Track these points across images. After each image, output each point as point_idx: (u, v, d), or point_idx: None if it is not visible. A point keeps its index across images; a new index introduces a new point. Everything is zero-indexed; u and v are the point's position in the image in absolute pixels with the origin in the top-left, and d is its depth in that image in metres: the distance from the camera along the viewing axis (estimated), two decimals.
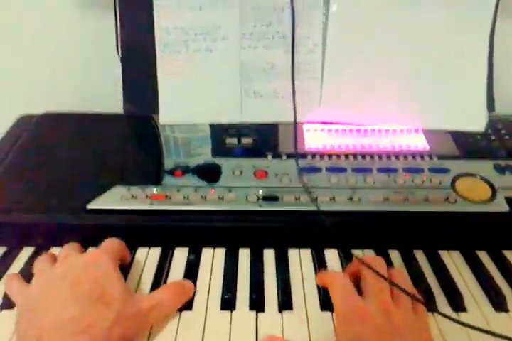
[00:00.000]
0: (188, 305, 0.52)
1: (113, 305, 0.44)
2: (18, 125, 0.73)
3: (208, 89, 0.71)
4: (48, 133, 0.71)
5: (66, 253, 0.52)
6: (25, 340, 0.43)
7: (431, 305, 0.51)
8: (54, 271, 0.49)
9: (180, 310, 0.51)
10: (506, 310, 0.52)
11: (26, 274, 0.54)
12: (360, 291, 0.49)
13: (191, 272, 0.56)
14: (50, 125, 0.73)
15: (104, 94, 0.71)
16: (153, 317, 0.48)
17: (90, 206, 0.58)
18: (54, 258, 0.54)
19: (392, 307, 0.46)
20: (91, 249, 0.57)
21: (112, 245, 0.54)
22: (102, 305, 0.44)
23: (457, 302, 0.53)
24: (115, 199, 0.59)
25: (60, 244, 0.58)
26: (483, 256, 0.59)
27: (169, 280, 0.55)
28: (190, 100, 0.72)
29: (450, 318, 0.46)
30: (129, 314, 0.45)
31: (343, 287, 0.49)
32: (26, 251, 0.59)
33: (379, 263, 0.51)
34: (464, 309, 0.52)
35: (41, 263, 0.52)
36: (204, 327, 0.49)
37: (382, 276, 0.49)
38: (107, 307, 0.44)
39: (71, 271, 0.48)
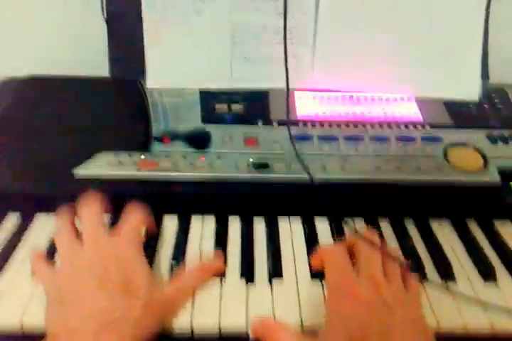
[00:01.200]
0: None
1: (139, 294, 0.45)
2: (1, 88, 0.70)
3: (196, 52, 0.69)
4: (32, 97, 0.69)
5: (92, 232, 0.50)
6: (55, 334, 0.42)
7: (420, 275, 0.51)
8: (81, 257, 0.48)
9: None
10: (495, 280, 0.52)
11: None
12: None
13: (181, 240, 0.55)
14: (35, 89, 0.70)
15: (90, 57, 0.68)
16: (179, 302, 0.48)
17: (76, 172, 0.57)
18: (75, 228, 0.52)
19: (383, 283, 0.46)
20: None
21: (135, 221, 0.52)
22: (129, 295, 0.44)
23: (446, 272, 0.53)
24: (102, 165, 0.58)
25: (47, 211, 0.58)
26: (473, 226, 0.60)
27: (159, 248, 0.54)
28: (179, 64, 0.69)
29: (440, 286, 0.47)
30: (156, 303, 0.45)
31: (337, 262, 0.49)
32: (11, 217, 0.58)
33: (372, 237, 0.51)
34: (453, 278, 0.52)
35: (65, 240, 0.51)
36: (194, 295, 0.49)
37: (376, 247, 0.48)
38: (133, 297, 0.44)
39: (98, 261, 0.47)
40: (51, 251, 0.53)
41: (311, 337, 0.44)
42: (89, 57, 0.69)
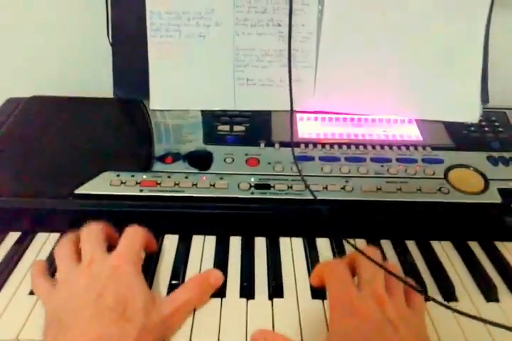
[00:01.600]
0: None
1: (136, 319, 0.44)
2: (5, 108, 0.71)
3: (200, 75, 0.70)
4: (36, 117, 0.69)
5: (90, 254, 0.50)
6: None
7: (422, 293, 0.51)
8: (78, 278, 0.48)
9: None
10: (497, 301, 0.52)
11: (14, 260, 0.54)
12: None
13: (181, 260, 0.55)
14: (39, 108, 0.71)
15: (94, 79, 0.69)
16: (178, 320, 0.48)
17: (78, 191, 0.57)
18: (77, 248, 0.52)
19: (386, 299, 0.45)
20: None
21: (133, 241, 0.52)
22: (125, 320, 0.44)
23: (449, 292, 0.52)
24: (104, 185, 0.58)
25: (48, 230, 0.58)
26: (474, 246, 0.59)
27: (158, 268, 0.54)
28: (182, 86, 0.70)
29: (442, 304, 0.46)
30: (153, 324, 0.45)
31: (339, 278, 0.48)
32: (12, 237, 0.58)
33: (374, 253, 0.51)
34: (455, 299, 0.52)
35: (64, 259, 0.50)
36: (194, 314, 0.49)
37: (378, 263, 0.48)
38: (130, 322, 0.44)
39: (94, 283, 0.46)
40: (51, 268, 0.53)
41: None
42: (93, 78, 0.70)
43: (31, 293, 0.51)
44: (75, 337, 0.42)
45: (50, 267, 0.53)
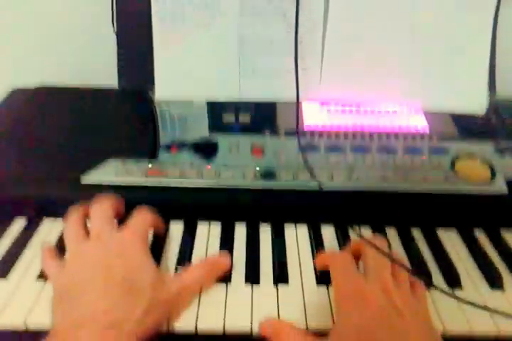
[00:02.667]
0: None
1: (143, 294, 0.45)
2: (11, 98, 0.72)
3: (205, 65, 0.70)
4: (42, 106, 0.70)
5: (99, 229, 0.51)
6: (60, 329, 0.43)
7: (427, 282, 0.50)
8: (87, 253, 0.48)
9: None
10: (502, 288, 0.52)
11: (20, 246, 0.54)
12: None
13: (187, 245, 0.55)
14: (45, 98, 0.71)
15: (99, 68, 0.69)
16: (184, 299, 0.48)
17: (84, 179, 0.57)
18: (85, 225, 0.53)
19: (393, 288, 0.45)
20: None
21: (143, 220, 0.53)
22: (133, 295, 0.44)
23: (453, 280, 0.52)
24: (109, 173, 0.58)
25: (54, 216, 0.58)
26: (480, 234, 0.59)
27: (164, 253, 0.54)
28: (187, 76, 0.70)
29: (446, 293, 0.46)
30: (160, 301, 0.45)
31: (345, 267, 0.48)
32: (18, 223, 0.58)
33: (380, 242, 0.51)
34: (459, 286, 0.52)
35: (73, 235, 0.51)
36: (199, 299, 0.49)
37: (384, 252, 0.48)
38: (137, 297, 0.44)
39: (103, 257, 0.47)
40: (61, 247, 0.53)
41: (318, 336, 0.43)
42: (98, 67, 0.70)
43: (39, 277, 0.51)
44: (84, 308, 0.43)
45: (60, 250, 0.53)
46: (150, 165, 0.59)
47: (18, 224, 0.58)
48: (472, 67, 0.69)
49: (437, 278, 0.53)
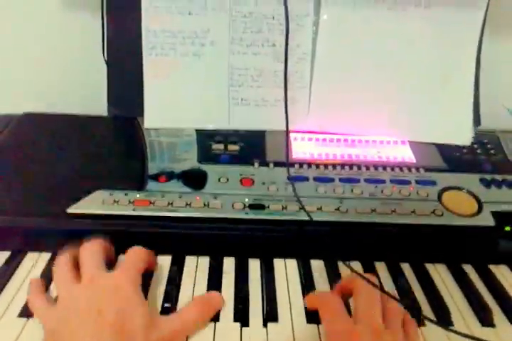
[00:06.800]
0: None
1: (135, 337, 0.44)
2: None
3: (194, 94, 0.70)
4: (28, 134, 0.69)
5: (91, 273, 0.49)
6: None
7: (418, 318, 0.50)
8: (78, 296, 0.47)
9: None
10: (492, 325, 0.52)
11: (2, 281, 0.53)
12: (349, 309, 0.49)
13: (174, 282, 0.54)
14: (31, 125, 0.70)
15: (88, 96, 0.69)
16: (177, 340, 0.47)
17: (70, 210, 0.56)
18: (75, 266, 0.51)
19: (382, 330, 0.45)
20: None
21: (136, 261, 0.52)
22: (125, 338, 0.43)
23: (444, 316, 0.52)
24: (97, 203, 0.57)
25: (39, 249, 0.57)
26: (469, 270, 0.59)
27: (151, 290, 0.53)
28: (176, 105, 0.70)
29: (439, 324, 0.46)
30: None
31: (334, 309, 0.48)
32: (3, 255, 0.57)
33: (370, 278, 0.50)
34: (450, 323, 0.51)
35: (63, 276, 0.50)
36: (186, 339, 0.48)
37: (375, 285, 0.48)
38: (129, 340, 0.43)
39: (95, 301, 0.46)
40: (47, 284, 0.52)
41: None
42: (87, 95, 0.69)
43: (21, 314, 0.50)
44: None
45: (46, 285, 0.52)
46: (138, 195, 0.59)
47: (2, 258, 0.57)
48: (457, 99, 0.70)
49: (428, 315, 0.52)
